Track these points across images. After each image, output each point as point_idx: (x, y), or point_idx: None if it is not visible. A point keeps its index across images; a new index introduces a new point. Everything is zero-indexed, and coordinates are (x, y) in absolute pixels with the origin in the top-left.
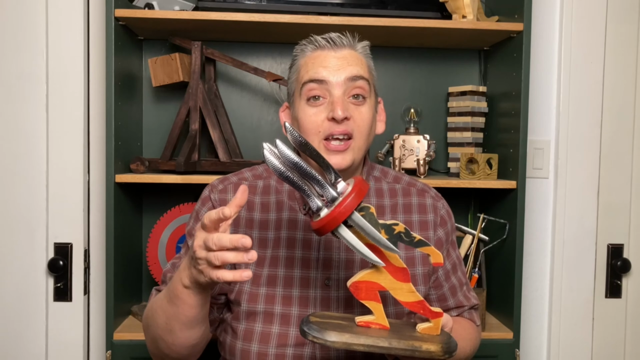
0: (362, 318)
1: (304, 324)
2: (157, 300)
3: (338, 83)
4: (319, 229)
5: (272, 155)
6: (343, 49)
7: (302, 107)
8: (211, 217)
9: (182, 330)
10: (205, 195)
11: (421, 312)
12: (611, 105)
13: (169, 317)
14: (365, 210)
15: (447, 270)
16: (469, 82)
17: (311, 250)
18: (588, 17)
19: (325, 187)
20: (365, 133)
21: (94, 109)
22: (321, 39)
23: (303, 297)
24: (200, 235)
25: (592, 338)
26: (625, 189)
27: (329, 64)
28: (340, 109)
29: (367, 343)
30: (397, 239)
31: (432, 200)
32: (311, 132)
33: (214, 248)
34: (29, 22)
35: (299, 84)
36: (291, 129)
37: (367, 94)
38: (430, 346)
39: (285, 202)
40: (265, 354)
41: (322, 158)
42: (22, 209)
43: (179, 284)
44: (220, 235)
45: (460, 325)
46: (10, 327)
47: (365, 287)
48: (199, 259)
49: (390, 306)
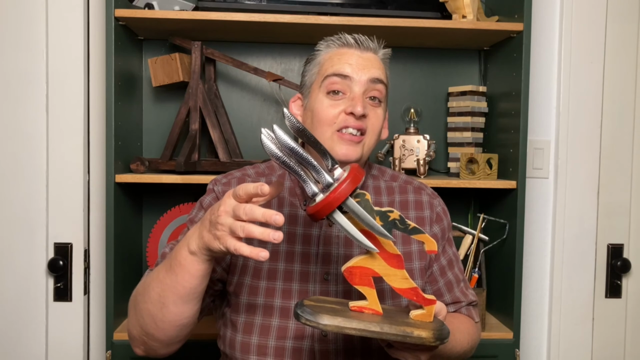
0: (356, 303)
1: (297, 307)
2: (153, 273)
3: (360, 81)
4: (314, 213)
5: (269, 140)
6: (368, 51)
7: (320, 99)
8: (248, 190)
9: (176, 304)
10: (209, 188)
11: (414, 299)
12: (611, 105)
13: (164, 287)
14: (360, 197)
15: (443, 266)
16: (469, 82)
17: (311, 246)
18: (588, 17)
19: (321, 173)
20: (376, 133)
21: (94, 109)
22: (350, 37)
23: (302, 291)
24: (229, 202)
25: (592, 338)
26: (625, 189)
27: (354, 62)
28: (360, 106)
29: (359, 327)
30: (392, 225)
31: (429, 197)
32: (325, 122)
33: (243, 217)
34: (29, 22)
35: (320, 76)
36: (289, 114)
37: (383, 98)
38: (421, 332)
39: (286, 198)
40: (265, 347)
41: (320, 144)
42: (22, 209)
43: (183, 250)
44: (253, 206)
45: (457, 319)
46: (10, 327)
47: (359, 273)
48: (220, 224)
49: (388, 300)
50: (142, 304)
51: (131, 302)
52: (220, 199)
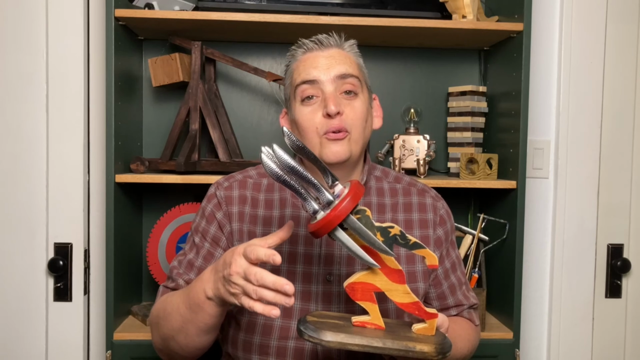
0: (358, 318)
1: (300, 324)
2: (172, 303)
3: (328, 80)
4: (316, 231)
5: (269, 159)
6: (330, 48)
7: (298, 109)
8: (259, 255)
9: (199, 335)
10: (211, 193)
11: (416, 313)
12: (611, 105)
13: (186, 321)
14: (361, 213)
15: (447, 269)
16: (469, 82)
17: (313, 247)
18: (588, 17)
19: (322, 191)
20: (360, 126)
21: (94, 109)
22: (309, 41)
23: (305, 292)
24: (240, 263)
25: (592, 338)
26: (625, 189)
27: (319, 64)
28: (333, 104)
29: (362, 343)
30: (393, 241)
31: (432, 200)
32: (309, 130)
33: (254, 283)
34: (29, 22)
35: (293, 87)
36: (289, 133)
37: (357, 89)
38: (424, 347)
39: (288, 199)
40: (267, 346)
41: (320, 162)
42: (22, 209)
43: (201, 294)
44: (263, 272)
45: (458, 325)
46: (10, 327)
47: (361, 288)
48: (234, 283)
49: (390, 301)
50: (165, 329)
51: (152, 322)
52: (224, 209)
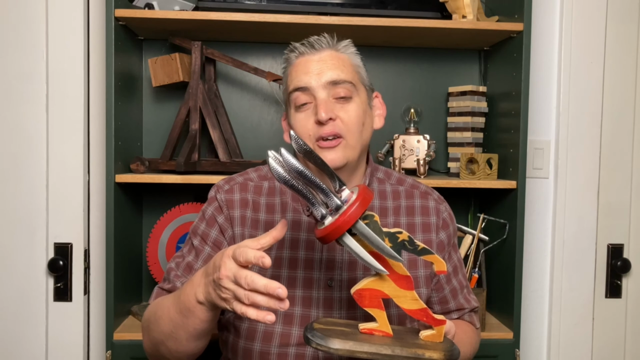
0: (366, 325)
1: (307, 331)
2: (163, 307)
3: (319, 86)
4: (323, 237)
5: (276, 163)
6: (322, 51)
7: (293, 115)
8: (248, 258)
9: (189, 340)
10: (211, 196)
11: (424, 319)
12: (611, 105)
13: (176, 326)
14: (369, 219)
15: (449, 273)
16: (469, 82)
17: (314, 251)
18: (588, 17)
19: (330, 196)
20: (355, 131)
21: (94, 109)
22: (300, 45)
23: (306, 297)
24: (229, 266)
25: (592, 338)
26: (625, 189)
27: (310, 69)
28: (324, 111)
29: (370, 351)
30: (401, 247)
31: (435, 203)
32: (303, 137)
33: (245, 287)
34: (29, 22)
35: (287, 94)
36: (296, 137)
37: (351, 94)
38: (433, 354)
39: (289, 203)
40: (268, 353)
41: (327, 166)
42: (22, 209)
43: (192, 298)
44: (254, 276)
45: (461, 329)
46: (10, 327)
47: (368, 295)
48: (225, 288)
49: (392, 307)
50: (155, 333)
51: (144, 325)
52: (225, 213)
